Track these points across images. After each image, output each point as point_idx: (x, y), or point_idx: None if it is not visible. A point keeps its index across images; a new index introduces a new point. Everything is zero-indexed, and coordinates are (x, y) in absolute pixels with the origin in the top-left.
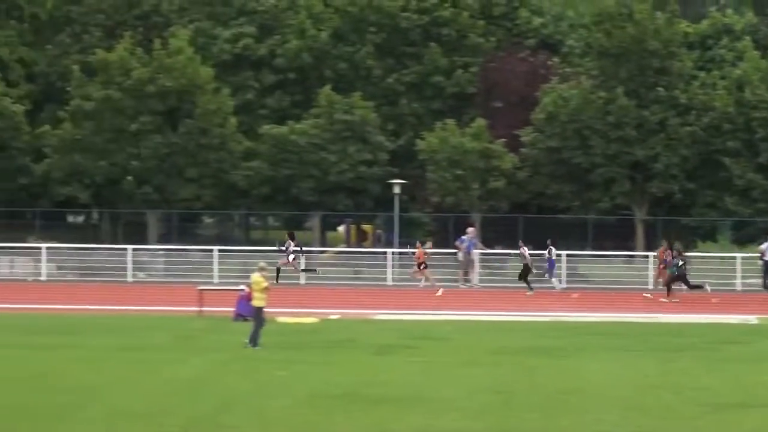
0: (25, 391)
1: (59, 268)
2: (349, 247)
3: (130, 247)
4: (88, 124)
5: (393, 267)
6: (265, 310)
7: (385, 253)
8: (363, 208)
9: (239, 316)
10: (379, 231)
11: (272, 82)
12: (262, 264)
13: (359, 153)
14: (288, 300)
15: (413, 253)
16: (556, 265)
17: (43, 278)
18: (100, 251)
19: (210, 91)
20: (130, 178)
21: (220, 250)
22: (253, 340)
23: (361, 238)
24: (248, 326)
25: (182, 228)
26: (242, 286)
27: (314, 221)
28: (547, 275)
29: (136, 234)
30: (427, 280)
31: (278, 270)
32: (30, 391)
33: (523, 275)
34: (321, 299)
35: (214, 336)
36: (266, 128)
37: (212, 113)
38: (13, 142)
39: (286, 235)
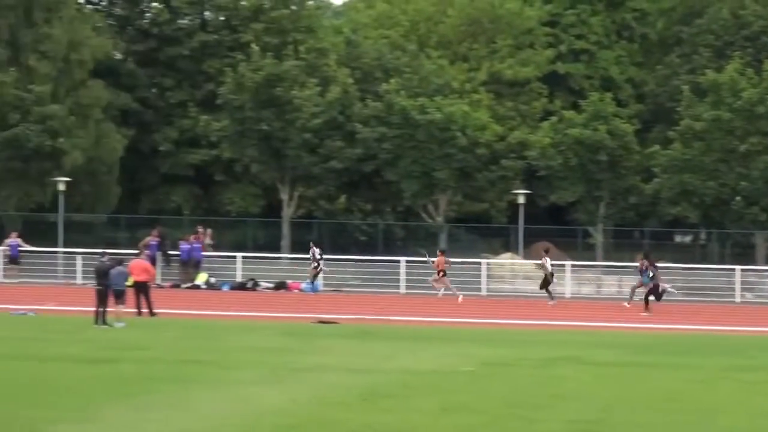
0: (645, 410)
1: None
2: None
3: (738, 267)
4: (698, 145)
5: None
6: None
7: None
8: None
9: None
10: None
11: None
12: None
13: None
14: None
15: None
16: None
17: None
18: (707, 271)
19: None
20: (738, 198)
21: None
22: None
23: None
24: None
25: None
26: None
27: None
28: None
29: (744, 254)
30: (447, 288)
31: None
32: (648, 409)
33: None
34: None
35: None
36: None
37: None
38: (623, 161)
39: (311, 244)
